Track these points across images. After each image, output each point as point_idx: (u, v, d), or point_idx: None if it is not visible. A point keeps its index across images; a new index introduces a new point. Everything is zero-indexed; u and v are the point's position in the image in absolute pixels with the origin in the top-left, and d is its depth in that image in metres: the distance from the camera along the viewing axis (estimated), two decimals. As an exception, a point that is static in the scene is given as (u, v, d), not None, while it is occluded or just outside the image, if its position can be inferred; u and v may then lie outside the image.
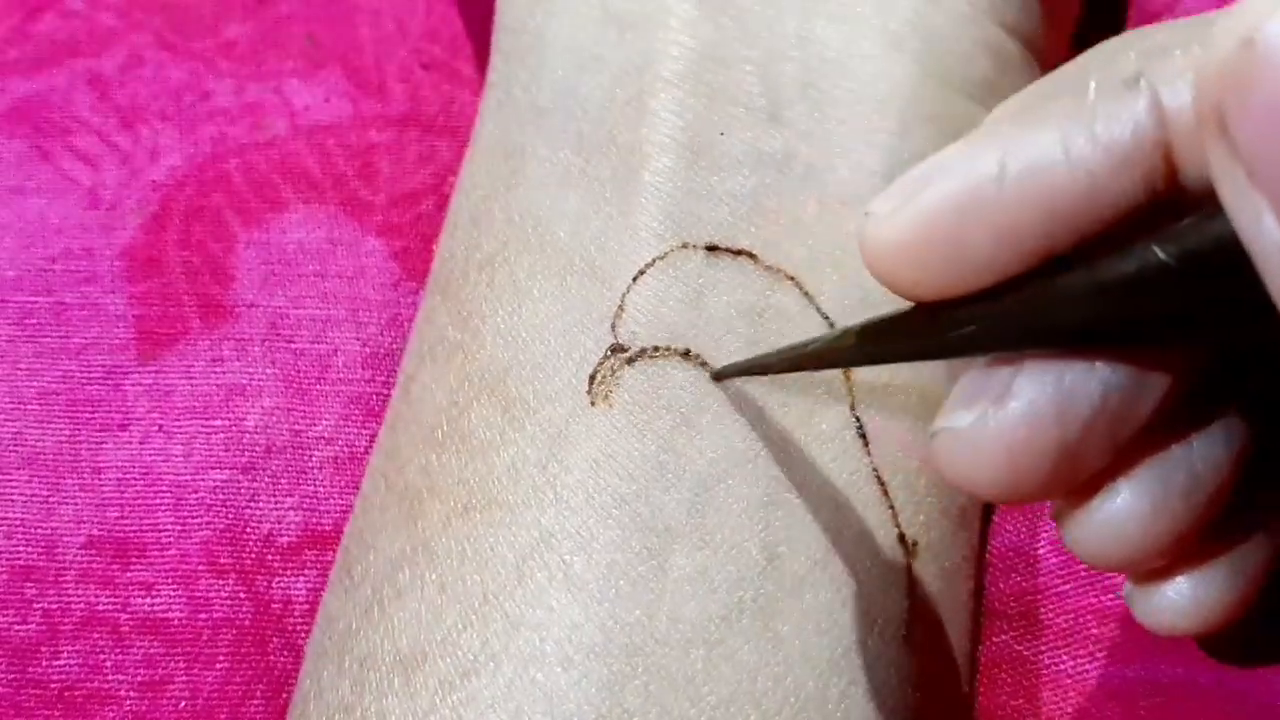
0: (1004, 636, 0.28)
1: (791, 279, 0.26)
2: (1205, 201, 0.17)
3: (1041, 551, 0.29)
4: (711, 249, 0.25)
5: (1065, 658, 0.28)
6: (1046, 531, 0.29)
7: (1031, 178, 0.18)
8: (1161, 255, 0.17)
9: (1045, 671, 0.28)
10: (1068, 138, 0.18)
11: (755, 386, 0.25)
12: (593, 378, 0.25)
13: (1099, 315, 0.18)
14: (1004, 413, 0.19)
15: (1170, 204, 0.18)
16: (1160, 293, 0.18)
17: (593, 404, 0.25)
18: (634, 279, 0.25)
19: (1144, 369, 0.19)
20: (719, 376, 0.25)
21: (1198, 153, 0.17)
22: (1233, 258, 0.16)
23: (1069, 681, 0.28)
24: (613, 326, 0.25)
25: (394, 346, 0.31)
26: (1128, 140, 0.18)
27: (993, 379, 0.20)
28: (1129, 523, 0.20)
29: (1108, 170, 0.18)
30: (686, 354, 0.25)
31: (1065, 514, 0.21)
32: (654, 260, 0.25)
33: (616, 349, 0.25)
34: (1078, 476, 0.20)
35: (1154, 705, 0.27)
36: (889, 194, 0.20)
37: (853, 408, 0.25)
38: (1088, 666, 0.28)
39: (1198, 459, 0.20)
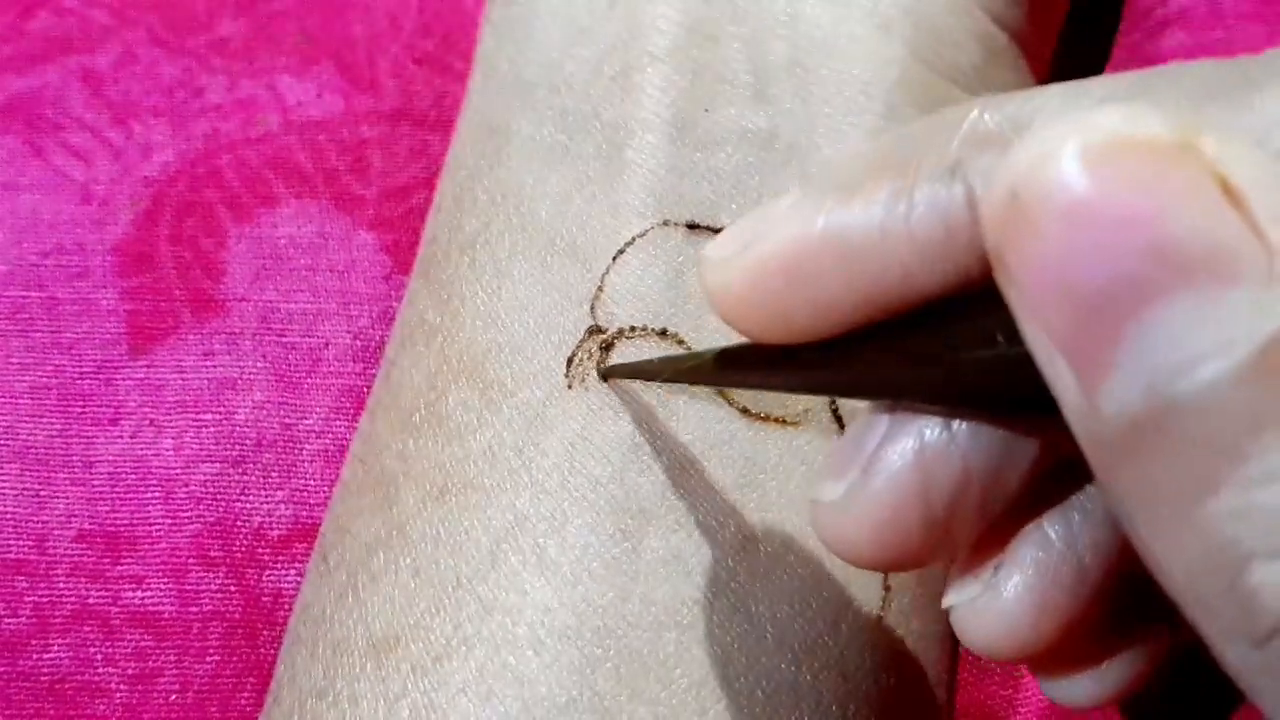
0: (995, 624, 0.28)
1: None
2: None
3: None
4: (692, 227, 0.25)
5: (1057, 645, 0.27)
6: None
7: (846, 258, 0.17)
8: (999, 342, 0.16)
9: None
10: (885, 222, 0.17)
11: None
12: (570, 360, 0.25)
13: (931, 383, 0.17)
14: (869, 488, 0.18)
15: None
16: (995, 372, 0.16)
17: (569, 386, 0.24)
18: (614, 258, 0.25)
19: (1009, 437, 0.18)
20: (606, 375, 0.24)
21: None
22: None
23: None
24: (591, 307, 0.25)
25: (385, 339, 0.31)
26: (941, 234, 0.17)
27: (860, 448, 0.19)
28: (1015, 613, 0.19)
29: (920, 262, 0.17)
30: (664, 334, 0.25)
31: (955, 603, 0.20)
32: (634, 239, 0.25)
33: (594, 330, 0.25)
34: (953, 548, 0.19)
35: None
36: (724, 240, 0.19)
37: (830, 388, 0.25)
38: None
39: (1081, 543, 0.19)
